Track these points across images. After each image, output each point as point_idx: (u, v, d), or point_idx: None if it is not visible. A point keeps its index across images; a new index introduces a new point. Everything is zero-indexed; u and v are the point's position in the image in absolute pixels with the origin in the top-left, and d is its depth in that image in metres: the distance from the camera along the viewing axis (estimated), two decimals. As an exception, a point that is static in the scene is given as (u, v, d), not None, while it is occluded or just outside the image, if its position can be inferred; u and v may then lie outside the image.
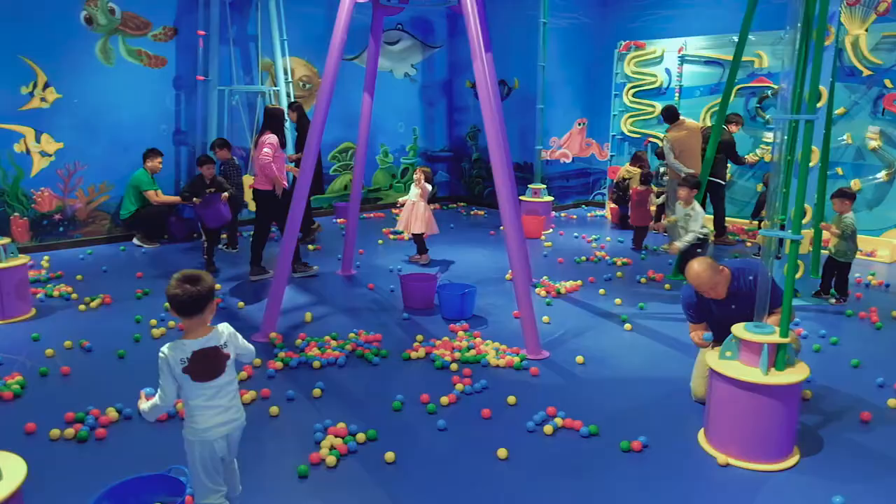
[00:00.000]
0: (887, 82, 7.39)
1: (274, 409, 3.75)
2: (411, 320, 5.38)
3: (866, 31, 7.42)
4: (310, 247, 7.82)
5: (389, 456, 3.27)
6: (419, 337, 4.90)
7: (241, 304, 5.70)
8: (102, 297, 5.72)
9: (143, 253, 7.61)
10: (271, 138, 6.15)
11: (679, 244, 6.01)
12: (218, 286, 6.12)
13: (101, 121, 7.93)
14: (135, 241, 7.92)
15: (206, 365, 2.43)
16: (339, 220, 9.54)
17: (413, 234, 7.15)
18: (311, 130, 5.01)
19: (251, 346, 2.69)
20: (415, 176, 7.20)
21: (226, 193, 6.85)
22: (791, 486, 3.10)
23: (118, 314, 5.43)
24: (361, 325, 5.24)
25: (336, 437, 3.44)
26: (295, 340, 4.83)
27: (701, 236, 6.07)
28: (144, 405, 2.49)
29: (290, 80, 9.03)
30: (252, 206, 7.17)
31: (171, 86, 8.45)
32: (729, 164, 8.25)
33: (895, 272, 7.00)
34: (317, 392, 3.99)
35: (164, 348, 2.42)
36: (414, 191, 7.11)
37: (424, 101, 11.35)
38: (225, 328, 2.56)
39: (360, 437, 3.45)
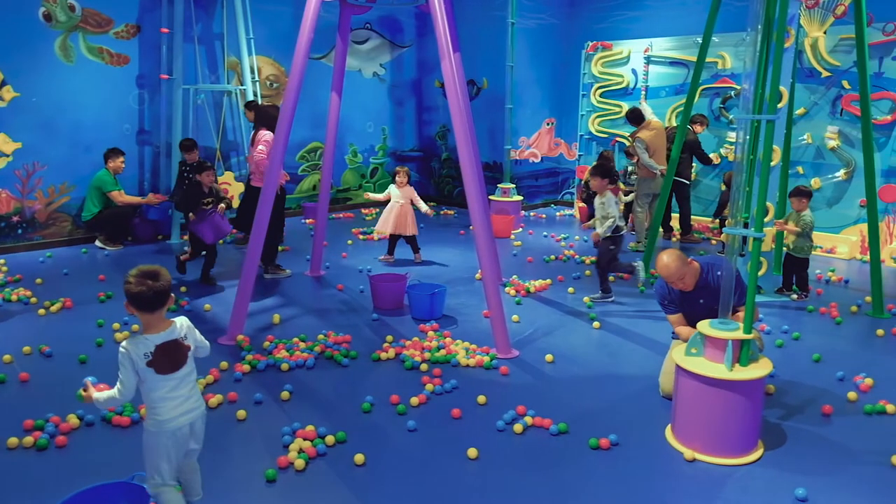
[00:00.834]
0: (845, 83, 7.59)
1: (241, 413, 3.69)
2: (381, 321, 5.35)
3: (825, 33, 7.61)
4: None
5: (359, 458, 3.25)
6: (389, 337, 4.88)
7: (207, 306, 5.61)
8: (63, 301, 5.57)
9: (105, 255, 7.44)
10: (267, 135, 6.17)
11: (599, 230, 5.79)
12: (184, 288, 6.06)
13: (61, 120, 7.73)
14: (97, 243, 7.73)
15: (170, 357, 2.48)
16: (307, 221, 9.46)
17: (406, 236, 7.15)
18: (277, 130, 4.94)
19: (207, 342, 2.74)
20: (398, 178, 7.18)
21: (223, 205, 6.36)
22: (756, 479, 3.16)
23: (79, 318, 5.29)
24: (330, 326, 5.20)
25: (305, 439, 3.40)
26: (263, 343, 4.76)
27: (616, 223, 5.79)
28: (100, 394, 2.48)
29: (256, 79, 8.91)
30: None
31: (134, 84, 8.27)
32: (694, 164, 8.39)
33: (854, 268, 7.19)
34: (285, 395, 3.94)
35: (126, 343, 2.45)
36: (400, 192, 7.09)
37: (393, 100, 11.31)
38: (182, 321, 2.60)
39: (329, 439, 3.41)
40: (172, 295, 2.54)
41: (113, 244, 7.72)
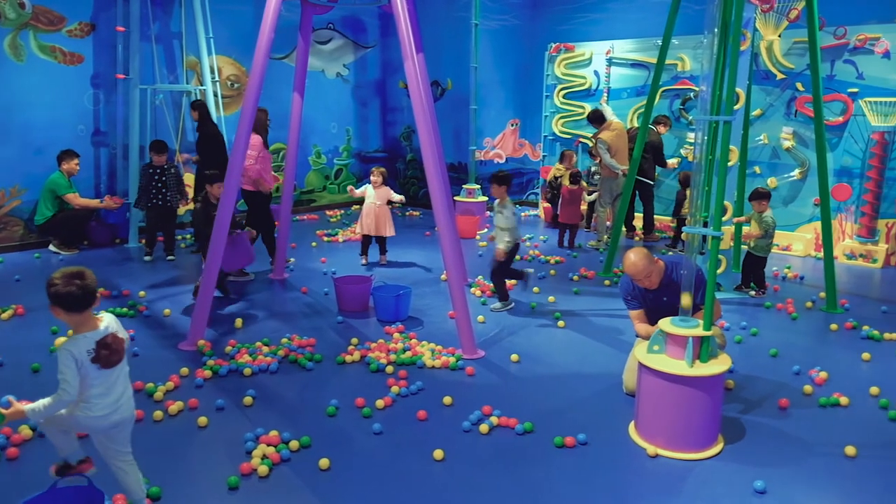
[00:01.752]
0: (799, 85, 7.80)
1: (202, 420, 3.61)
2: (346, 323, 5.30)
3: (779, 36, 7.81)
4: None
5: (324, 462, 3.21)
6: (354, 340, 4.84)
7: (167, 311, 5.48)
8: (15, 308, 5.38)
9: (60, 260, 7.22)
10: (253, 139, 6.19)
11: (501, 247, 5.49)
12: (143, 293, 5.92)
13: (10, 121, 7.48)
14: (51, 247, 7.50)
15: (111, 352, 2.51)
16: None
17: (378, 237, 7.13)
18: (238, 131, 4.85)
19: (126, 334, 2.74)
20: (373, 178, 7.10)
21: (252, 231, 5.90)
22: (716, 472, 3.22)
23: (32, 326, 5.12)
24: (294, 329, 5.13)
25: (268, 445, 3.35)
26: (224, 348, 4.68)
27: (515, 234, 5.57)
28: (36, 405, 2.42)
29: (216, 79, 8.76)
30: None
31: (88, 84, 8.05)
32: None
33: (809, 265, 7.39)
34: (248, 400, 3.87)
35: (66, 344, 2.46)
36: (375, 193, 7.05)
37: (357, 101, 11.25)
38: (108, 315, 2.62)
39: (294, 444, 3.37)
40: (99, 293, 2.54)
41: (68, 248, 7.50)
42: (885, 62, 7.25)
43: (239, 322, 5.21)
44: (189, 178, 7.85)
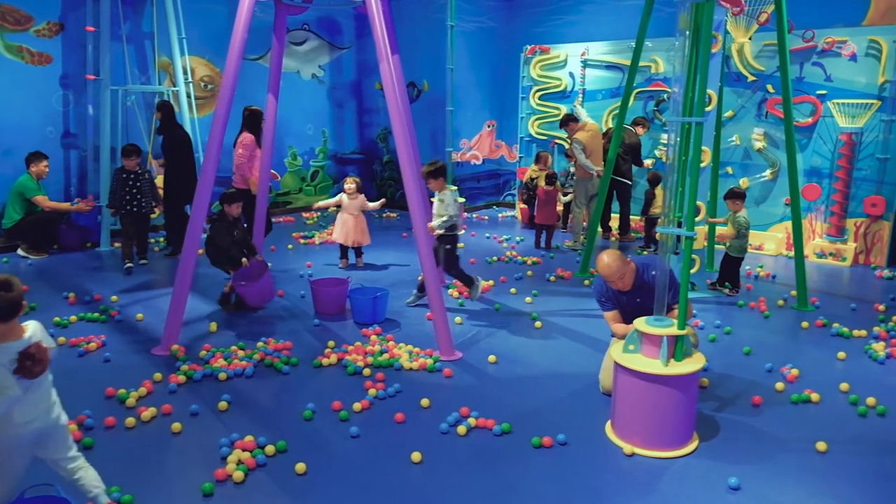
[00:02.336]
0: (769, 87, 7.94)
1: (176, 426, 3.56)
2: (322, 326, 5.26)
3: (750, 39, 7.93)
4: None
5: (300, 467, 3.18)
6: (331, 343, 4.80)
7: (139, 315, 5.40)
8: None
9: (29, 264, 7.06)
10: (246, 138, 6.38)
11: (434, 223, 5.53)
12: (115, 298, 5.82)
13: (-23, 122, 7.32)
14: (20, 251, 7.34)
15: (35, 362, 2.44)
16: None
17: (355, 245, 7.09)
18: (211, 133, 4.78)
19: (53, 342, 2.68)
20: (348, 187, 7.04)
21: (245, 260, 5.51)
22: (691, 470, 3.25)
23: None
24: (270, 332, 5.08)
25: (244, 450, 3.31)
26: (199, 352, 4.62)
27: (453, 221, 5.61)
28: None
29: (190, 80, 8.65)
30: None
31: (57, 85, 7.90)
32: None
33: (781, 264, 7.52)
34: (223, 405, 3.82)
35: None
36: (350, 203, 6.99)
37: (333, 102, 11.19)
38: (34, 324, 2.56)
39: (269, 449, 3.33)
40: (25, 302, 2.49)
41: (37, 252, 7.34)
42: (851, 65, 7.40)
43: (214, 326, 5.15)
44: (160, 181, 7.72)
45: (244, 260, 5.48)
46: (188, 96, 8.56)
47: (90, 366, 4.45)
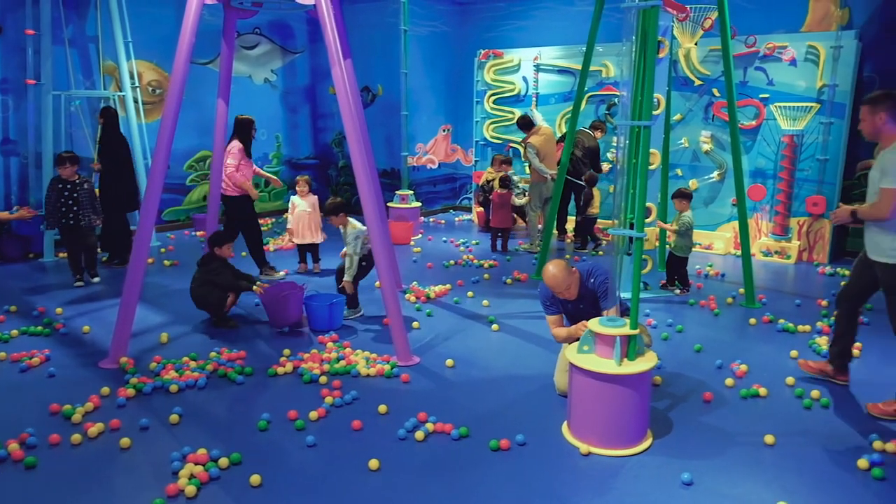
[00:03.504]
0: (715, 91, 8.17)
1: (125, 441, 3.45)
2: (278, 334, 5.18)
3: (696, 44, 8.16)
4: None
5: (255, 479, 3.12)
6: (286, 351, 4.73)
7: (86, 328, 5.22)
8: (-86, 330, 5.01)
9: (-34, 277, 6.77)
10: (234, 147, 6.44)
11: (348, 277, 5.42)
12: (59, 310, 5.61)
13: None
14: (-44, 264, 7.02)
15: None
16: (198, 233, 9.04)
17: (308, 244, 7.07)
18: (159, 140, 4.65)
19: None
20: (299, 188, 7.10)
21: (257, 286, 5.32)
22: (646, 467, 3.31)
23: (-65, 348, 4.78)
24: (223, 342, 4.98)
25: (196, 464, 3.23)
26: (149, 364, 4.49)
27: (363, 253, 5.49)
28: None
29: (136, 84, 8.43)
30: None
31: (-5, 90, 7.61)
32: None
33: (729, 263, 7.73)
34: (174, 418, 3.72)
35: None
36: (303, 201, 6.99)
37: (287, 107, 11.05)
38: None
39: (223, 461, 3.25)
40: None
41: (-25, 265, 7.03)
42: (792, 69, 7.68)
43: (164, 337, 5.01)
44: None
45: (256, 287, 5.31)
46: (135, 101, 8.34)
47: (33, 381, 4.28)
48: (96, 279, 6.63)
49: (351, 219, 5.57)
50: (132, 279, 4.60)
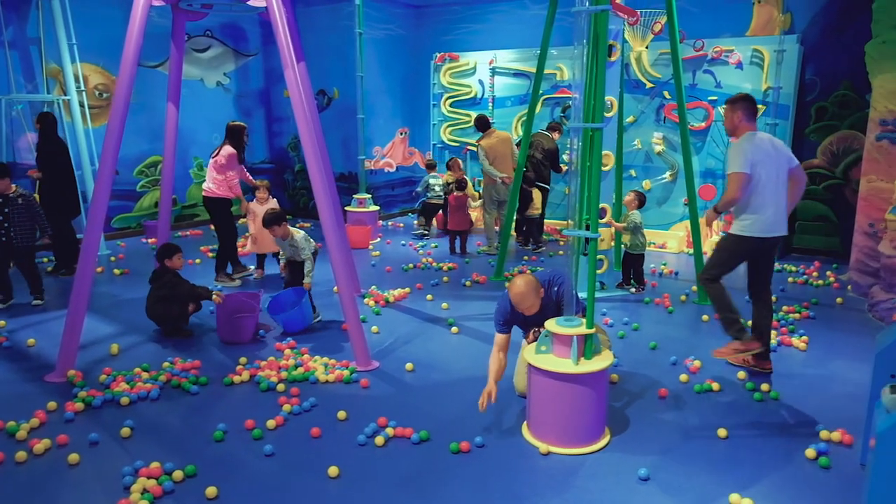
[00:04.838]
0: (666, 94, 8.36)
1: (73, 457, 3.33)
2: (233, 342, 5.08)
3: (647, 48, 8.33)
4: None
5: (211, 491, 3.04)
6: (242, 359, 4.64)
7: (31, 341, 5.03)
8: None
9: None
10: (226, 150, 6.59)
11: (308, 280, 5.34)
12: (2, 323, 5.39)
13: None
14: None
15: None
16: (149, 240, 8.81)
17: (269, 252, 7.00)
18: (105, 145, 4.51)
19: None
20: (258, 194, 7.04)
21: (216, 295, 5.16)
22: (604, 464, 3.35)
23: None
24: (177, 351, 4.86)
25: (149, 478, 3.14)
26: (98, 377, 4.35)
27: (313, 261, 5.46)
28: None
29: (82, 88, 8.17)
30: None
31: (-70, 94, 7.28)
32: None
33: (683, 261, 7.91)
34: (125, 431, 3.61)
35: None
36: (263, 207, 6.83)
37: (240, 110, 10.87)
38: None
39: (177, 474, 3.17)
40: None
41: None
42: (738, 72, 7.90)
43: (115, 348, 4.87)
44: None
45: (215, 296, 5.12)
46: (81, 105, 8.08)
47: (-26, 398, 4.10)
48: (38, 301, 6.03)
49: (288, 226, 5.42)
50: (79, 289, 4.45)
